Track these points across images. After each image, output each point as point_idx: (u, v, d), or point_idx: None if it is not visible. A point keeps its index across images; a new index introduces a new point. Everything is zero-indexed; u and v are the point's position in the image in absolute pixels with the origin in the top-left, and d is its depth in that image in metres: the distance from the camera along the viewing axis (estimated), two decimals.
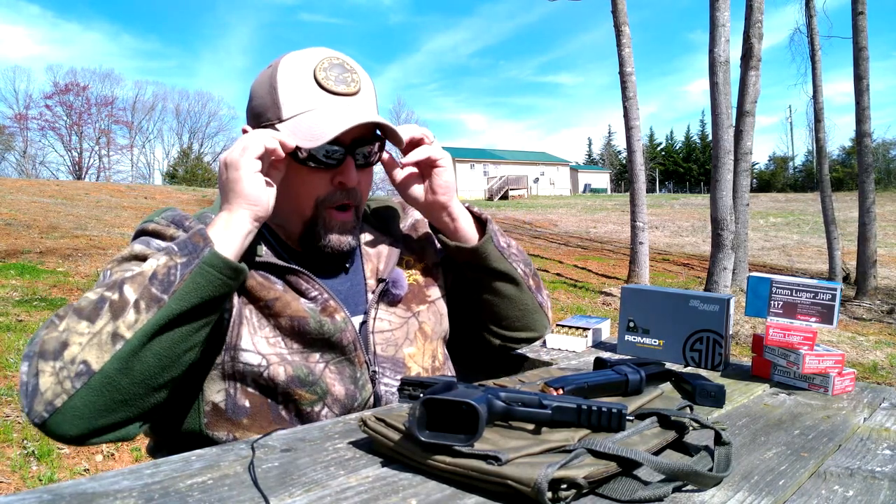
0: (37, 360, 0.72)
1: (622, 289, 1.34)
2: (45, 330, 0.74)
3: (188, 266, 0.76)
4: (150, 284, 0.74)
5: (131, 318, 0.72)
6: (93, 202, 14.80)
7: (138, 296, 0.73)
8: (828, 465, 0.73)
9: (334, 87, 0.91)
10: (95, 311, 0.73)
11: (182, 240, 0.79)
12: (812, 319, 1.11)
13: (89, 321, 0.72)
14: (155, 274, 0.75)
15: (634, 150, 9.03)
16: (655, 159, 63.40)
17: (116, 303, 0.73)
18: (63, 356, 0.71)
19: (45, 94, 48.76)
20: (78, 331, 0.72)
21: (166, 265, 0.76)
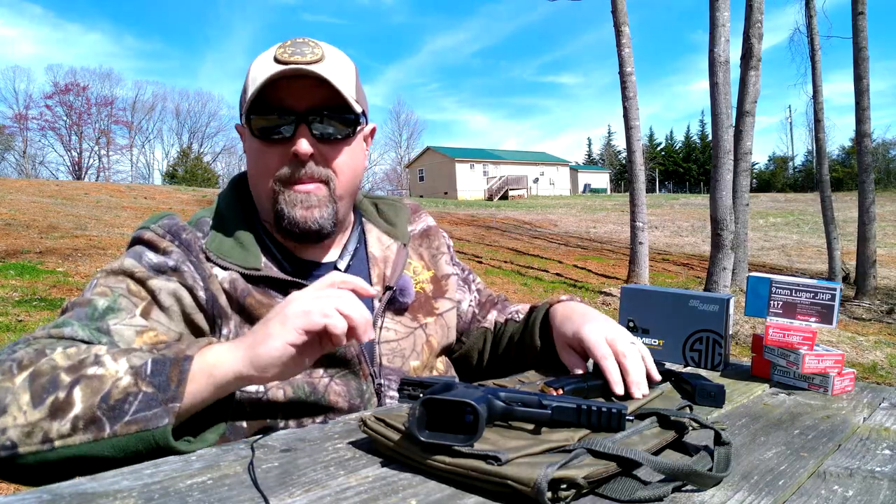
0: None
1: (622, 289, 1.34)
2: (1, 375, 0.68)
3: (145, 407, 0.66)
4: (99, 404, 0.65)
5: (65, 429, 0.65)
6: (92, 202, 14.79)
7: (81, 411, 0.65)
8: (827, 465, 0.73)
9: (289, 59, 0.87)
10: (41, 394, 0.66)
11: (162, 360, 0.69)
12: (812, 319, 1.11)
13: (31, 401, 0.66)
14: (108, 395, 0.66)
15: (634, 150, 9.03)
16: (655, 159, 63.40)
17: (60, 402, 0.66)
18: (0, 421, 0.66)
19: (45, 94, 48.83)
20: (19, 403, 0.66)
21: (126, 390, 0.66)
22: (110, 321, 0.81)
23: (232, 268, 0.90)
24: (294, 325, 0.69)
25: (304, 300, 0.71)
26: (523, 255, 12.57)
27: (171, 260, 0.88)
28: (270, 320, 0.71)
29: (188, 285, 0.88)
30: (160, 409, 0.66)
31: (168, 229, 0.92)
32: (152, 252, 0.89)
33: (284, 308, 0.71)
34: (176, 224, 0.93)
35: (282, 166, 0.90)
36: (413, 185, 50.80)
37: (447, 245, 1.17)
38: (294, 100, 0.87)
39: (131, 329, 0.81)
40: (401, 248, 1.05)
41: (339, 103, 0.90)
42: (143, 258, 0.88)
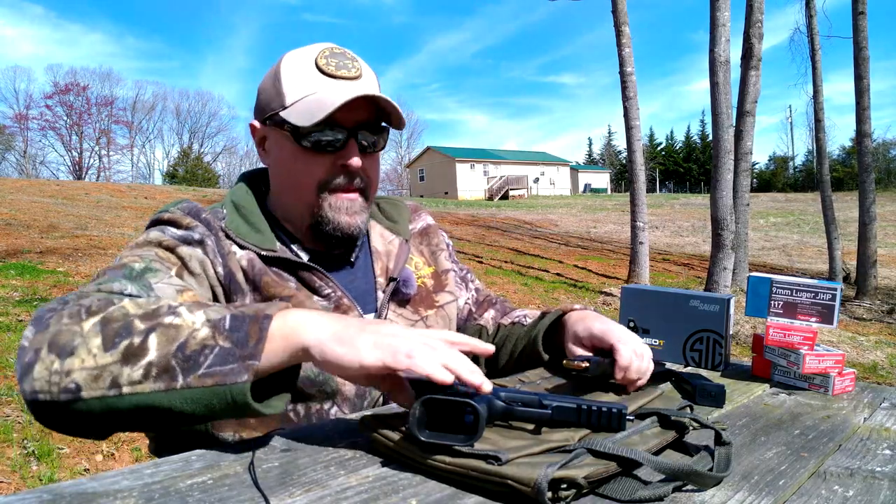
0: (44, 343, 0.66)
1: (622, 289, 1.34)
2: (69, 319, 0.67)
3: (221, 361, 0.63)
4: (175, 353, 0.63)
5: (137, 376, 0.63)
6: (93, 202, 14.80)
7: (156, 357, 0.63)
8: (828, 465, 0.73)
9: (335, 72, 0.93)
10: (113, 338, 0.65)
11: (241, 316, 0.66)
12: (812, 319, 1.11)
13: (103, 345, 0.64)
14: (185, 345, 0.63)
15: (634, 149, 9.03)
16: (655, 159, 63.41)
17: (134, 348, 0.64)
18: (64, 363, 0.64)
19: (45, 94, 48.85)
20: (89, 347, 0.64)
21: (203, 342, 0.64)
22: (151, 280, 0.80)
23: (249, 247, 0.93)
24: (381, 356, 0.64)
25: (411, 339, 0.65)
26: (524, 255, 12.57)
27: (196, 234, 0.90)
28: (366, 330, 0.66)
29: (210, 259, 0.89)
30: (237, 365, 0.63)
31: (188, 211, 0.94)
32: (174, 227, 0.91)
33: (385, 330, 0.66)
34: (195, 206, 0.95)
35: (328, 175, 0.93)
36: (413, 185, 50.80)
37: (446, 243, 1.19)
38: (345, 115, 0.90)
39: (171, 288, 0.81)
40: (402, 243, 1.08)
41: (379, 119, 0.96)
42: (167, 231, 0.90)
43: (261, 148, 1.00)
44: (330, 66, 0.93)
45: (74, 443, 2.91)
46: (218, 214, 0.96)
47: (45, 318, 0.68)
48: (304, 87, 0.92)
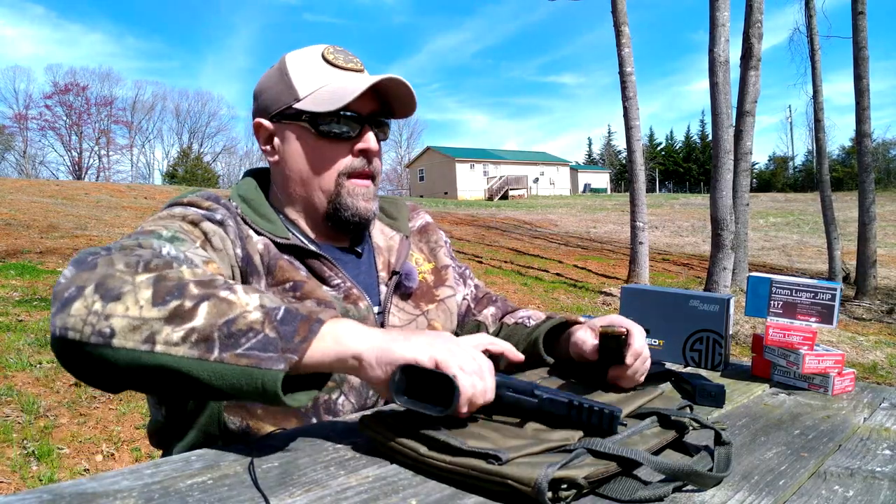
0: (91, 282, 0.65)
1: (622, 289, 1.34)
2: (125, 266, 0.66)
3: (261, 348, 0.63)
4: (220, 326, 0.63)
5: (175, 337, 0.62)
6: (93, 202, 14.80)
7: (201, 325, 0.63)
8: (828, 465, 0.73)
9: (345, 65, 0.98)
10: (164, 295, 0.64)
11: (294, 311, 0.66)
12: (812, 319, 1.11)
13: (152, 299, 0.63)
14: (232, 321, 0.63)
15: (634, 149, 9.03)
16: (655, 159, 63.41)
17: (183, 310, 0.63)
18: (106, 306, 0.63)
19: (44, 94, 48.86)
20: (137, 297, 0.63)
21: (251, 324, 0.63)
22: (181, 247, 0.81)
23: (264, 234, 0.95)
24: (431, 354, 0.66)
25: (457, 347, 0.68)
26: (523, 255, 12.57)
27: (218, 215, 0.92)
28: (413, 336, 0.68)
29: (231, 239, 0.91)
30: (276, 355, 0.62)
31: (207, 196, 0.95)
32: (195, 208, 0.92)
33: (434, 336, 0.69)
34: (213, 193, 0.97)
35: (346, 162, 0.97)
36: (413, 185, 50.80)
37: (444, 241, 1.21)
38: (360, 104, 0.95)
39: (199, 258, 0.82)
40: (403, 239, 1.10)
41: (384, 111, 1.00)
42: (189, 209, 0.91)
43: (267, 146, 1.01)
44: (338, 60, 0.98)
45: (74, 443, 2.91)
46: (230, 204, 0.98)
47: (90, 260, 0.68)
48: (318, 79, 0.96)
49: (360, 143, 0.97)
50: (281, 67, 0.98)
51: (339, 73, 0.97)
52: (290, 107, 0.96)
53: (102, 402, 3.41)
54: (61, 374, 3.73)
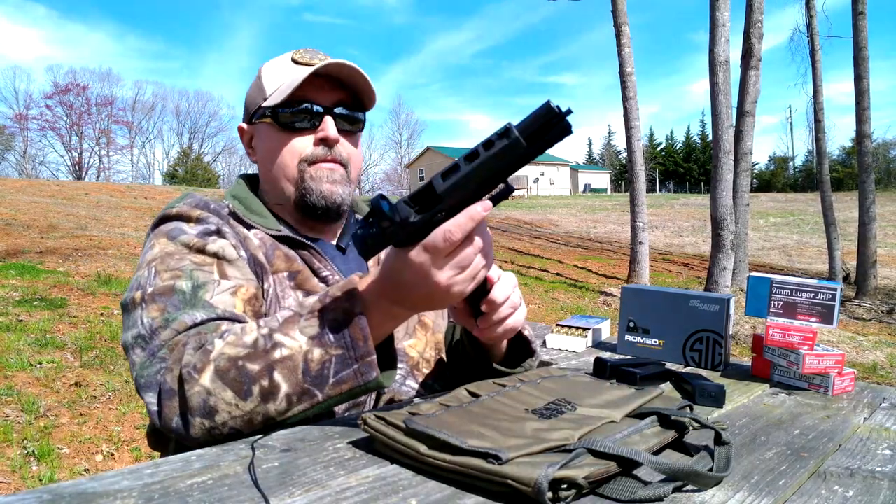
0: (185, 410, 0.73)
1: (622, 289, 1.34)
2: (188, 385, 0.73)
3: (342, 367, 0.72)
4: (303, 379, 0.72)
5: (282, 407, 0.73)
6: (93, 202, 14.79)
7: (290, 390, 0.72)
8: (828, 465, 0.73)
9: (308, 61, 1.00)
10: (241, 387, 0.72)
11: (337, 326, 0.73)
12: (812, 319, 1.11)
13: (237, 395, 0.72)
14: (308, 369, 0.72)
15: (634, 150, 9.03)
16: (655, 159, 63.38)
17: (266, 389, 0.72)
18: (214, 420, 0.72)
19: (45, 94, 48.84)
20: (225, 401, 0.72)
21: (320, 360, 0.72)
22: (206, 297, 0.83)
23: (257, 227, 0.98)
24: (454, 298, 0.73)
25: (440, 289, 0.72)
26: (524, 255, 12.57)
27: (212, 225, 0.93)
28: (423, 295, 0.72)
29: (233, 244, 0.92)
30: (359, 365, 0.73)
31: (195, 204, 0.96)
32: (187, 223, 0.93)
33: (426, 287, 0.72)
34: (201, 199, 0.98)
35: (308, 150, 0.99)
36: (413, 185, 50.78)
37: None
38: (321, 96, 0.98)
39: (226, 294, 0.85)
40: None
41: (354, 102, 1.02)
42: (184, 231, 0.91)
43: (249, 148, 1.07)
44: (304, 58, 1.00)
45: (74, 443, 2.91)
46: (221, 205, 1.00)
47: (160, 383, 0.76)
48: (281, 77, 0.99)
49: (320, 131, 0.99)
50: (258, 76, 1.03)
51: (302, 68, 0.99)
52: (260, 106, 1.00)
53: (102, 403, 3.41)
54: (61, 373, 3.74)
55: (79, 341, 4.34)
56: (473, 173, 0.64)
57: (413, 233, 0.66)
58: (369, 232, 0.67)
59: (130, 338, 0.82)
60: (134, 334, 0.82)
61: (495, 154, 0.63)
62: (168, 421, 0.75)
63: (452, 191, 0.65)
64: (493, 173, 0.64)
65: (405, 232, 0.66)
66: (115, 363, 4.02)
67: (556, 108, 0.62)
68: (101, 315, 5.10)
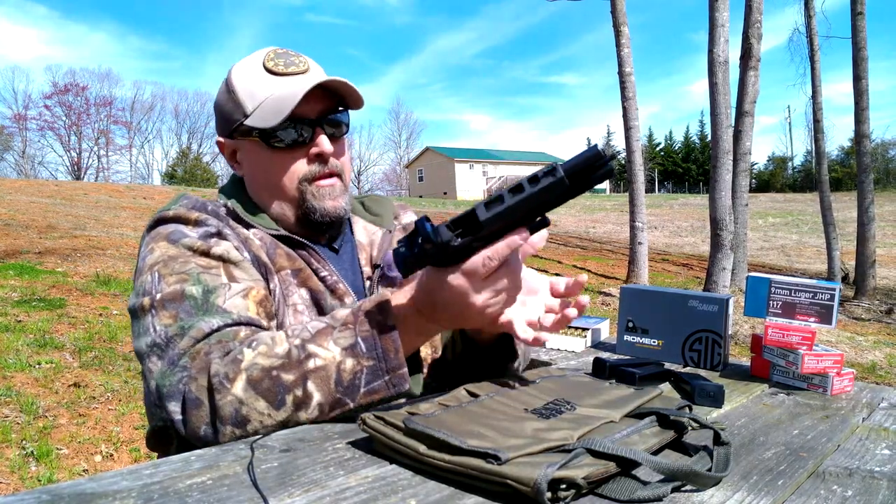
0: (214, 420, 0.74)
1: (621, 289, 1.34)
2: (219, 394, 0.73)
3: (373, 378, 0.75)
4: (335, 389, 0.74)
5: (314, 415, 0.75)
6: (91, 202, 14.78)
7: (323, 399, 0.74)
8: (827, 465, 0.73)
9: (285, 70, 0.97)
10: (275, 396, 0.73)
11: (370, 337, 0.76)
12: (811, 319, 1.12)
13: (269, 405, 0.73)
14: (340, 379, 0.75)
15: (633, 150, 9.03)
16: (654, 159, 63.39)
17: (300, 399, 0.74)
18: (246, 429, 0.73)
19: (44, 94, 48.79)
20: (258, 410, 0.73)
21: (353, 370, 0.75)
22: (218, 301, 0.82)
23: (257, 226, 0.97)
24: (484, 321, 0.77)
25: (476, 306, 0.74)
26: None
27: (212, 227, 0.91)
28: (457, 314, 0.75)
29: (236, 246, 0.91)
30: (391, 377, 0.75)
31: (192, 206, 0.94)
32: (185, 226, 0.91)
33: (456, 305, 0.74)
34: (197, 200, 0.96)
35: (306, 168, 0.98)
36: (412, 185, 50.81)
37: None
38: (308, 108, 0.94)
39: (238, 297, 0.84)
40: (385, 233, 1.11)
41: (337, 106, 0.99)
42: (185, 233, 0.89)
43: (233, 161, 1.03)
44: (279, 66, 0.97)
45: (73, 444, 2.91)
46: (218, 205, 0.98)
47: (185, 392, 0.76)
48: (261, 92, 0.95)
49: (314, 147, 0.97)
50: (228, 84, 0.98)
51: (281, 80, 0.96)
52: (242, 123, 0.96)
53: (101, 403, 3.41)
54: (60, 374, 3.73)
55: (77, 342, 4.33)
56: (516, 206, 0.68)
57: (452, 255, 0.70)
58: (411, 252, 0.70)
59: (145, 346, 0.81)
60: (148, 342, 0.81)
61: (539, 190, 0.67)
62: (195, 430, 0.75)
63: (494, 220, 0.68)
64: (535, 207, 0.68)
65: (445, 254, 0.70)
66: (113, 363, 4.02)
67: (603, 153, 0.67)
68: (100, 315, 5.09)
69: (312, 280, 0.96)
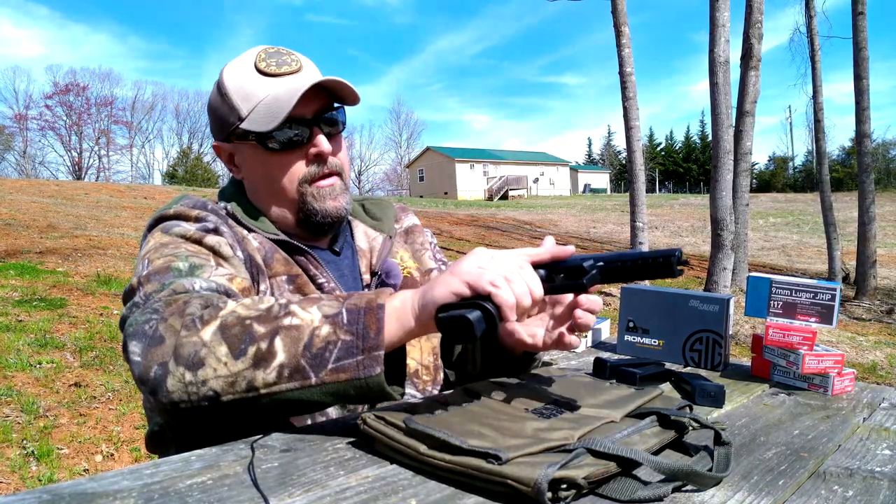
0: (168, 357, 0.69)
1: (622, 289, 1.34)
2: (185, 330, 0.70)
3: (346, 355, 0.68)
4: (302, 353, 0.68)
5: (271, 377, 0.68)
6: (92, 202, 14.79)
7: (286, 359, 0.68)
8: (827, 465, 0.73)
9: (278, 70, 0.96)
10: (238, 345, 0.68)
11: (355, 309, 0.70)
12: (812, 319, 1.11)
13: (230, 352, 0.68)
14: (310, 343, 0.68)
15: (634, 150, 9.02)
16: (655, 159, 63.39)
17: (262, 353, 0.68)
18: (196, 374, 0.68)
19: (44, 94, 48.80)
20: (217, 355, 0.68)
21: (326, 338, 0.68)
22: (203, 275, 0.81)
23: (256, 231, 0.97)
24: (462, 277, 0.69)
25: (482, 258, 0.71)
26: None
27: (210, 223, 0.91)
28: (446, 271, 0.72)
29: (230, 244, 0.90)
30: (364, 357, 0.68)
31: (192, 205, 0.94)
32: (185, 222, 0.91)
33: (461, 260, 0.72)
34: (198, 200, 0.96)
35: (305, 169, 0.97)
36: (413, 185, 50.81)
37: (430, 242, 1.20)
38: (304, 108, 0.93)
39: (223, 278, 0.82)
40: (386, 239, 1.10)
41: (332, 102, 0.98)
42: (180, 225, 0.89)
43: (231, 165, 1.03)
44: (271, 67, 0.96)
45: (74, 443, 2.91)
46: (219, 206, 0.98)
47: (150, 332, 0.71)
48: (254, 94, 0.94)
49: (312, 147, 0.96)
50: (220, 87, 0.97)
51: (275, 81, 0.95)
52: (237, 127, 0.96)
53: (102, 403, 3.41)
54: (61, 374, 3.74)
55: (78, 341, 4.34)
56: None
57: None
58: None
59: (125, 310, 0.79)
60: (128, 306, 0.79)
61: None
62: (146, 370, 0.70)
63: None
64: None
65: None
66: (114, 363, 4.02)
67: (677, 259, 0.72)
68: (101, 315, 5.10)
69: (308, 287, 0.95)
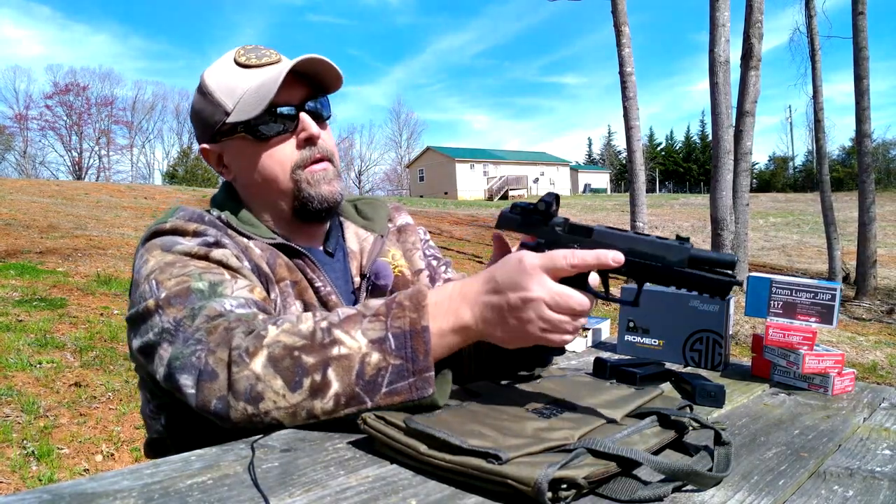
0: (225, 392, 0.71)
1: (622, 289, 1.34)
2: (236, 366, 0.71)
3: (397, 378, 0.70)
4: (355, 382, 0.70)
5: (329, 406, 0.71)
6: (92, 202, 14.79)
7: (341, 389, 0.70)
8: (828, 465, 0.73)
9: (258, 62, 0.97)
10: (293, 377, 0.70)
11: (401, 333, 0.71)
12: (812, 319, 1.11)
13: (286, 385, 0.70)
14: (362, 371, 0.70)
15: (634, 150, 9.03)
16: (655, 159, 63.37)
17: (317, 384, 0.70)
18: (258, 407, 0.70)
19: (45, 94, 48.80)
20: (273, 388, 0.70)
21: (377, 365, 0.70)
22: (227, 292, 0.80)
23: (254, 237, 0.96)
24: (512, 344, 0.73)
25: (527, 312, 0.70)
26: None
27: (210, 237, 0.89)
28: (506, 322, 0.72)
29: (236, 255, 0.89)
30: (415, 379, 0.71)
31: (188, 217, 0.91)
32: (183, 237, 0.88)
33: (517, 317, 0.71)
34: (193, 211, 0.94)
35: (297, 154, 0.97)
36: (413, 185, 50.81)
37: (422, 240, 1.20)
38: (289, 95, 0.94)
39: (245, 290, 0.83)
40: (377, 239, 1.09)
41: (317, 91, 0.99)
42: (180, 242, 0.87)
43: (220, 167, 1.02)
44: (251, 60, 0.97)
45: (74, 443, 2.91)
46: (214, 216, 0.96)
47: (199, 365, 0.73)
48: (238, 87, 0.95)
49: (301, 132, 0.96)
50: (202, 88, 0.98)
51: (256, 72, 0.96)
52: (224, 123, 0.96)
53: (102, 403, 3.41)
54: (61, 374, 3.74)
55: (78, 341, 4.34)
56: (631, 240, 0.71)
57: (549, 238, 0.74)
58: (526, 209, 0.73)
59: (152, 336, 0.78)
60: (156, 332, 0.78)
61: (658, 243, 0.70)
62: (205, 403, 0.72)
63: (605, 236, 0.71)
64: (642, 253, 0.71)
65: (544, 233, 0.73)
66: (114, 363, 4.02)
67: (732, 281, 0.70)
68: (101, 315, 5.10)
69: (308, 293, 0.95)
